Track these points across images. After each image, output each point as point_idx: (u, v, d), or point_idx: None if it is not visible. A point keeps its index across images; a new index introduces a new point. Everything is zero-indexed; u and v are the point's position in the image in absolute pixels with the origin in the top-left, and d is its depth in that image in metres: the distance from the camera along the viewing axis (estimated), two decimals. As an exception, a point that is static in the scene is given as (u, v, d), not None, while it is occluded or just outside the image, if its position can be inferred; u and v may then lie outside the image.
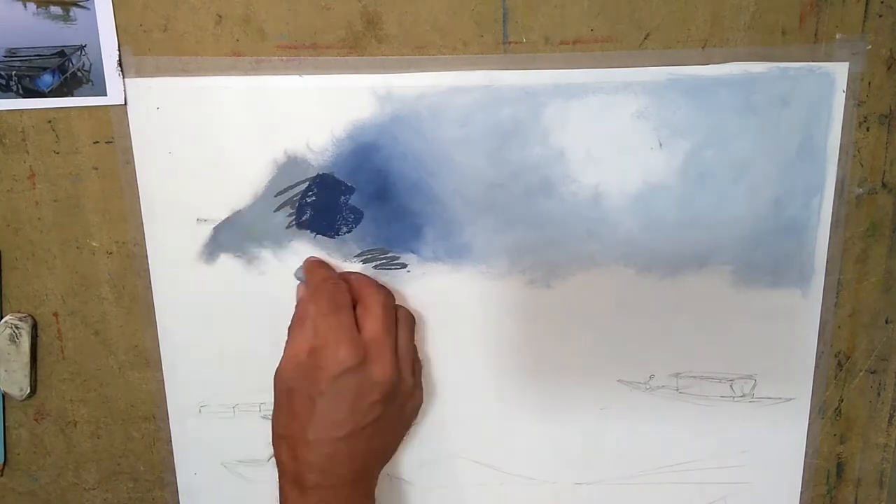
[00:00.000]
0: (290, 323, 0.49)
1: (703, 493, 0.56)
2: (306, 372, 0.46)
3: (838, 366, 0.55)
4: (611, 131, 0.49)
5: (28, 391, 0.53)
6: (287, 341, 0.48)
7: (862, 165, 0.51)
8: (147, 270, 0.52)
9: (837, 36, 0.48)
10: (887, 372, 0.55)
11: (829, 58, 0.49)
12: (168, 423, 0.55)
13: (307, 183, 0.50)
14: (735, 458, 0.56)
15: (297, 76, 0.48)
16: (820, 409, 0.55)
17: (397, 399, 0.48)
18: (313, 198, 0.50)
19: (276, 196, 0.50)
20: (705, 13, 0.48)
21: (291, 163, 0.50)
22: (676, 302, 0.52)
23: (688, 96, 0.49)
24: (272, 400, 0.54)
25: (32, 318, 0.52)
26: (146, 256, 0.51)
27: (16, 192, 0.50)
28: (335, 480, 0.46)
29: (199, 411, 0.54)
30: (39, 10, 0.47)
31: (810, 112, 0.49)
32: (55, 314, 0.53)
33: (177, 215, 0.51)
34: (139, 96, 0.49)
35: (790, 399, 0.55)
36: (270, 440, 0.48)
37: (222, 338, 0.53)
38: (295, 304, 0.50)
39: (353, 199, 0.51)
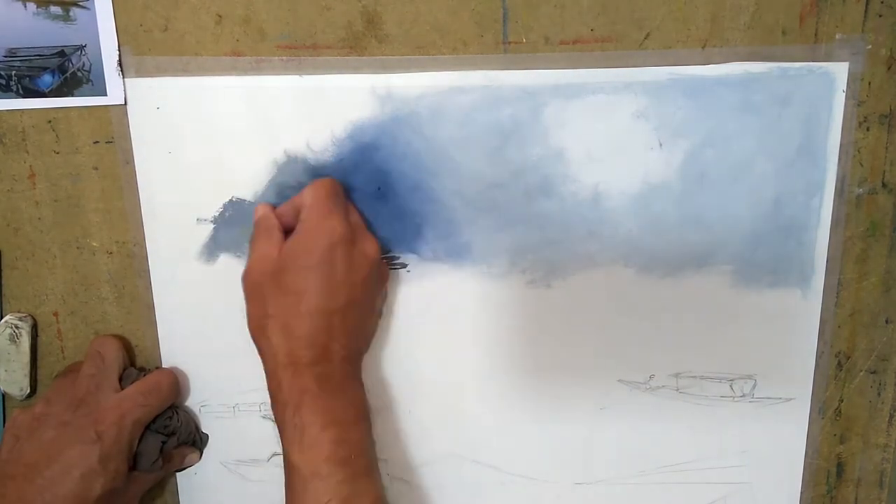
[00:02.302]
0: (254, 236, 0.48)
1: (703, 493, 0.56)
2: (300, 248, 0.45)
3: (838, 366, 0.55)
4: (611, 131, 0.49)
5: (28, 391, 0.53)
6: (260, 244, 0.47)
7: (862, 165, 0.51)
8: (147, 270, 0.52)
9: (837, 36, 0.48)
10: (887, 372, 0.55)
11: (829, 58, 0.49)
12: (168, 423, 0.55)
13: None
14: (735, 458, 0.56)
15: (297, 76, 0.48)
16: (820, 409, 0.55)
17: (378, 279, 0.49)
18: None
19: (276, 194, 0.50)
20: (705, 13, 0.48)
21: (291, 163, 0.50)
22: (676, 302, 0.52)
23: (688, 96, 0.49)
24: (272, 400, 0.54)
25: (32, 317, 0.52)
26: (146, 256, 0.51)
27: (16, 192, 0.50)
28: (329, 356, 0.46)
29: (199, 411, 0.54)
30: (39, 10, 0.47)
31: (810, 112, 0.49)
32: (55, 314, 0.53)
33: (177, 215, 0.51)
34: (139, 96, 0.49)
35: (790, 399, 0.55)
36: (251, 337, 0.47)
37: (222, 338, 0.53)
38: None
39: (354, 199, 0.50)
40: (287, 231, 0.47)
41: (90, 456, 0.46)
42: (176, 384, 0.52)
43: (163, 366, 0.53)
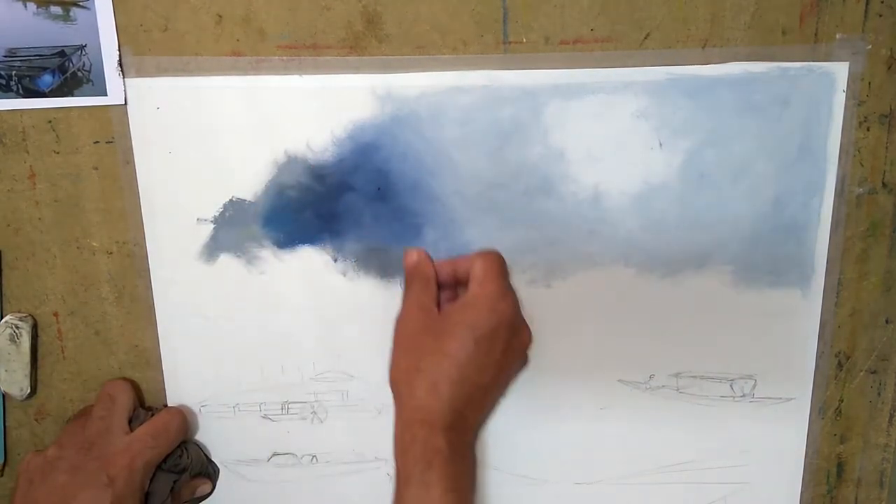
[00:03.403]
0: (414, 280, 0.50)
1: (703, 493, 0.56)
2: (468, 317, 0.46)
3: (838, 366, 0.55)
4: (611, 131, 0.49)
5: (28, 391, 0.53)
6: (417, 293, 0.49)
7: (862, 165, 0.51)
8: (147, 270, 0.52)
9: (837, 36, 0.48)
10: (887, 372, 0.55)
11: (829, 58, 0.49)
12: (168, 423, 0.54)
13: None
14: (735, 458, 0.56)
15: (297, 76, 0.48)
16: (820, 409, 0.55)
17: (522, 366, 0.50)
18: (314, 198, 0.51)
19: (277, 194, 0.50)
20: (705, 13, 0.48)
21: (291, 163, 0.50)
22: (676, 302, 0.52)
23: (688, 96, 0.49)
24: (272, 399, 0.54)
25: (32, 318, 0.52)
26: (146, 256, 0.51)
27: (16, 192, 0.50)
28: (463, 424, 0.46)
29: (199, 411, 0.54)
30: (39, 10, 0.47)
31: (810, 112, 0.49)
32: (55, 314, 0.53)
33: (177, 215, 0.51)
34: (139, 96, 0.49)
35: (790, 399, 0.55)
36: (389, 379, 0.48)
37: (222, 338, 0.53)
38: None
39: (354, 199, 0.50)
40: (440, 288, 0.49)
41: (102, 500, 0.47)
42: (184, 423, 0.52)
43: (163, 366, 0.53)
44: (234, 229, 0.51)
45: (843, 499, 0.57)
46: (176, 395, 0.54)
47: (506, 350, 0.47)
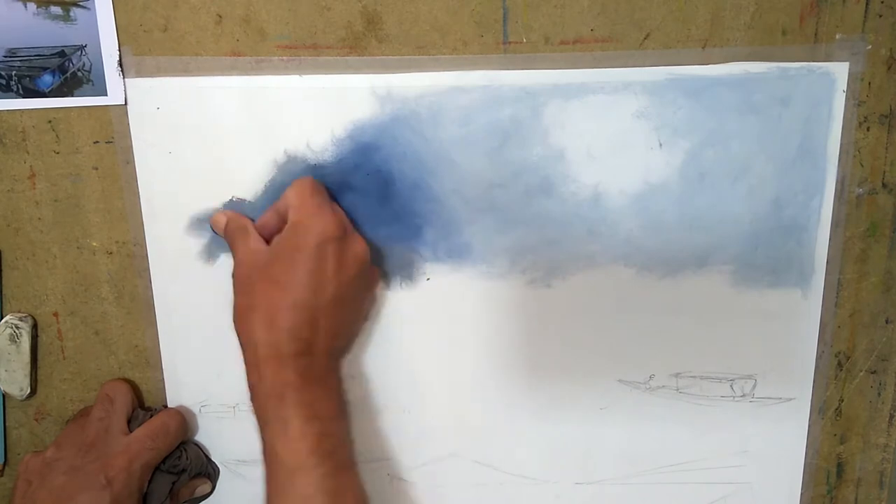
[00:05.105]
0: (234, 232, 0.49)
1: (703, 493, 0.56)
2: (290, 243, 0.46)
3: (838, 366, 0.55)
4: (611, 131, 0.49)
5: (28, 391, 0.53)
6: (240, 243, 0.48)
7: (862, 165, 0.51)
8: (147, 270, 0.52)
9: (837, 36, 0.48)
10: (887, 372, 0.55)
11: (829, 58, 0.49)
12: (168, 423, 0.55)
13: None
14: (735, 458, 0.56)
15: (297, 76, 0.48)
16: (820, 409, 0.55)
17: (367, 281, 0.49)
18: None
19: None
20: (705, 13, 0.48)
21: (291, 163, 0.50)
22: (676, 302, 0.52)
23: (688, 96, 0.49)
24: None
25: (32, 318, 0.52)
26: (146, 256, 0.51)
27: (16, 192, 0.50)
28: (312, 350, 0.45)
29: (199, 411, 0.54)
30: (39, 10, 0.47)
31: (810, 112, 0.49)
32: (55, 314, 0.53)
33: (177, 215, 0.51)
34: (139, 96, 0.49)
35: (790, 399, 0.55)
36: (234, 329, 0.47)
37: (222, 338, 0.53)
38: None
39: (354, 199, 0.50)
40: (271, 236, 0.47)
41: (100, 501, 0.46)
42: (183, 424, 0.52)
43: (163, 366, 0.53)
44: (234, 229, 0.51)
45: (843, 499, 0.57)
46: (176, 395, 0.54)
47: (338, 265, 0.46)
